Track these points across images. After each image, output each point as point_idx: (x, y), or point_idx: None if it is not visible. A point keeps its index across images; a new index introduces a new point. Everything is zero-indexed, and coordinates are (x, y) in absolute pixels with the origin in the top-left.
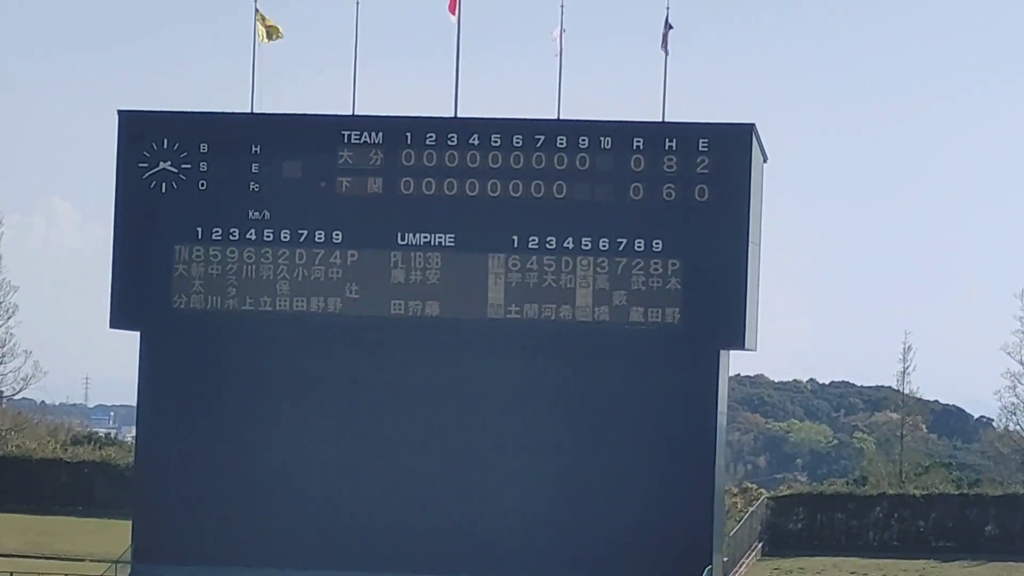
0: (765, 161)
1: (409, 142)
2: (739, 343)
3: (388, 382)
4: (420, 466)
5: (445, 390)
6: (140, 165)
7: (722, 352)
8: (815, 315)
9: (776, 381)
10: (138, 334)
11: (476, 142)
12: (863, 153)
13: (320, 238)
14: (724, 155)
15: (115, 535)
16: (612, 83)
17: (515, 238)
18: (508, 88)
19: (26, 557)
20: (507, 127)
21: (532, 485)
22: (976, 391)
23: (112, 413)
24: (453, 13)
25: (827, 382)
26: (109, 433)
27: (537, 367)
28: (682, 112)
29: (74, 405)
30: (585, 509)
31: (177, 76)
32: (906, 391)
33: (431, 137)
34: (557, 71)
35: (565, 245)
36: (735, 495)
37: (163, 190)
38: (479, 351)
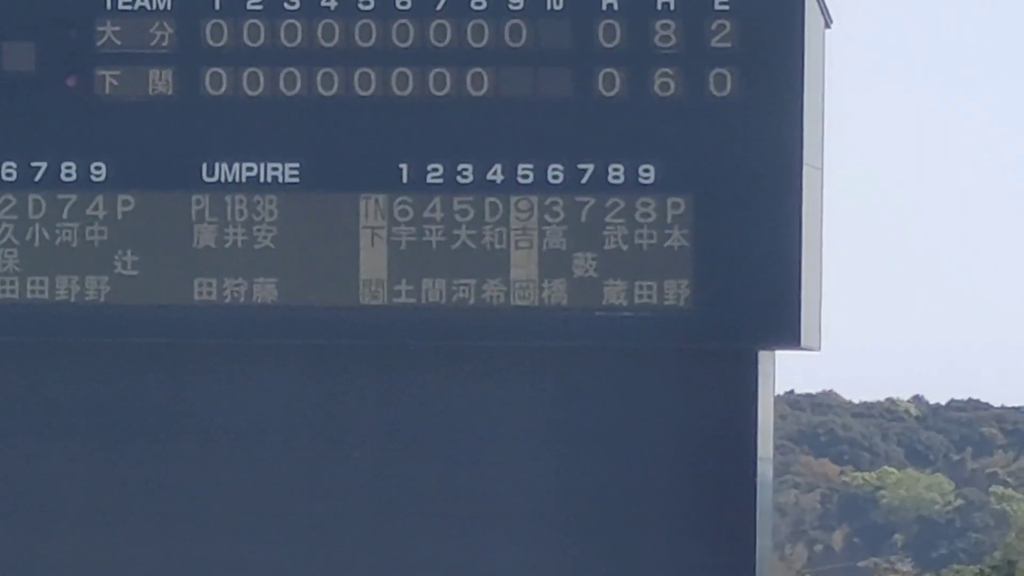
0: (828, 27)
1: (217, 6)
2: (791, 339)
3: (191, 417)
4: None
5: (287, 431)
6: None
7: (762, 355)
8: (920, 290)
9: (856, 403)
10: None
11: (333, 4)
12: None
13: (69, 175)
14: (758, 18)
15: None
16: None
17: (403, 167)
18: None
19: None
20: None
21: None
22: None
23: None
24: None
25: (943, 402)
26: None
27: (446, 386)
28: None
29: None
30: None
31: None
32: None
33: None
34: None
35: (489, 177)
36: None
37: None
38: (346, 364)
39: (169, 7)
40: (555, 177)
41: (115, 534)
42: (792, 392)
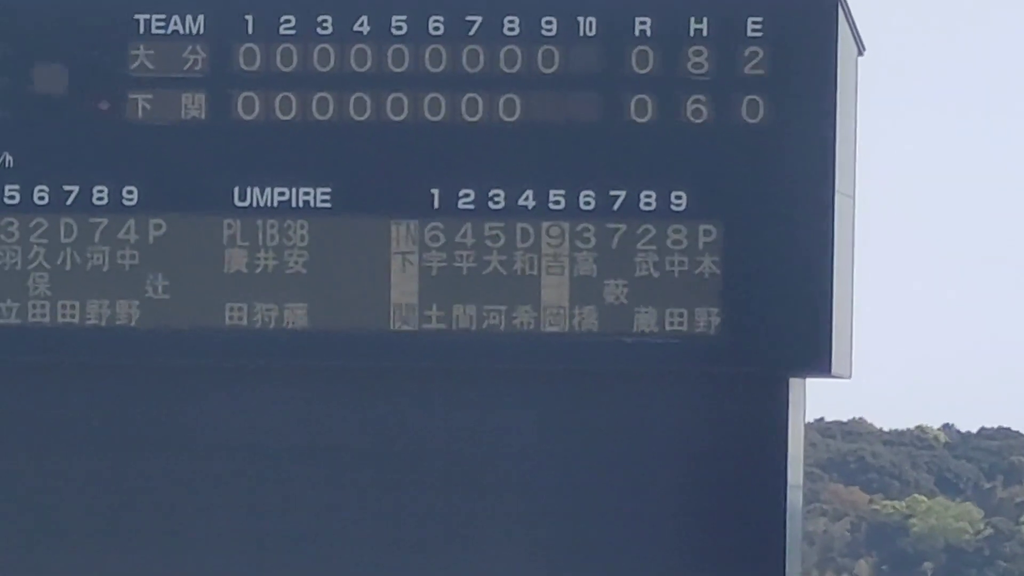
0: (860, 54)
1: (250, 31)
2: (822, 366)
3: (221, 438)
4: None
5: (318, 453)
6: None
7: (793, 382)
8: (951, 317)
9: (887, 431)
10: None
11: (366, 29)
12: None
13: (101, 198)
14: (790, 45)
15: None
16: None
17: (435, 193)
18: None
19: None
20: (418, 2)
21: None
22: None
23: None
24: None
25: (974, 430)
26: None
27: (477, 414)
28: None
29: None
30: None
31: None
32: None
33: (288, 22)
34: None
35: (521, 202)
36: None
37: None
38: (378, 389)
39: (202, 31)
40: (587, 203)
41: (148, 554)
42: (822, 419)
